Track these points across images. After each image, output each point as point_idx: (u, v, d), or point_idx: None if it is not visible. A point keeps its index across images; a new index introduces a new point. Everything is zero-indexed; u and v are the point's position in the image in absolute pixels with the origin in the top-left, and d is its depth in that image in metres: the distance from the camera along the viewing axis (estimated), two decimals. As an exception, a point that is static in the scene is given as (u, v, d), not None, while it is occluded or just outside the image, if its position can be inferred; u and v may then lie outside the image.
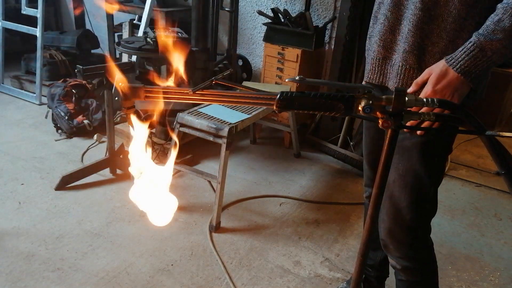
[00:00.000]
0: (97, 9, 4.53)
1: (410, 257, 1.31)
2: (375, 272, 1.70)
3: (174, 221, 2.24)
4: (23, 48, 4.42)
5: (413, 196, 1.22)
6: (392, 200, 1.25)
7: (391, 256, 1.36)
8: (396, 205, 1.25)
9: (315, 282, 1.92)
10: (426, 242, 1.33)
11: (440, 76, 1.02)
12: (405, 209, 1.24)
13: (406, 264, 1.32)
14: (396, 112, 0.75)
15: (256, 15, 3.50)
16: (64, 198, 2.35)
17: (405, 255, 1.31)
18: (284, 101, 0.77)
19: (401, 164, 1.20)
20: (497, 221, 2.50)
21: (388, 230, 1.29)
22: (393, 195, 1.25)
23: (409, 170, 1.20)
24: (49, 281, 1.78)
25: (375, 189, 0.86)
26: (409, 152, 1.18)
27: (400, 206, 1.24)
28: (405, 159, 1.19)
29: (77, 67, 2.20)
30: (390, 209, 1.27)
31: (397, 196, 1.24)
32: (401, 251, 1.31)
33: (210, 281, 1.86)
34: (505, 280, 2.02)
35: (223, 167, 2.13)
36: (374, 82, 1.27)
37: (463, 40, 1.05)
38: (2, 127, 3.16)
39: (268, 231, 2.24)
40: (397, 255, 1.32)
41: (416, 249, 1.30)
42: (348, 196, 2.64)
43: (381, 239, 1.34)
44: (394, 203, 1.25)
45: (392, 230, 1.28)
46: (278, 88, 2.91)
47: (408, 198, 1.22)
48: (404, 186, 1.22)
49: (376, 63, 1.25)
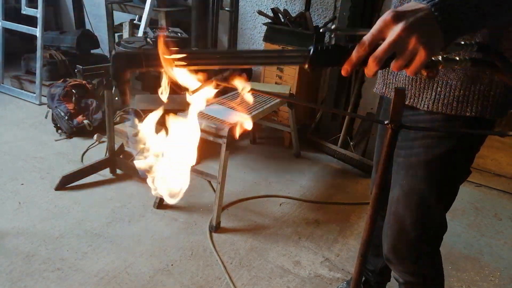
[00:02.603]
0: (97, 9, 4.53)
1: (413, 273, 1.25)
2: (375, 277, 1.68)
3: (174, 221, 2.24)
4: (23, 48, 4.42)
5: (418, 215, 1.15)
6: (396, 216, 1.19)
7: (394, 269, 1.30)
8: (400, 222, 1.18)
9: (315, 282, 1.92)
10: (433, 258, 1.26)
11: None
12: (409, 226, 1.17)
13: (410, 279, 1.27)
14: (396, 111, 0.75)
15: (256, 15, 3.50)
16: (64, 198, 2.35)
17: (409, 270, 1.25)
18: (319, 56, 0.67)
19: (405, 181, 1.13)
20: (497, 221, 2.50)
21: (392, 246, 1.23)
22: (397, 212, 1.18)
23: (413, 188, 1.12)
24: (49, 281, 1.78)
25: (375, 189, 0.86)
26: (413, 170, 1.11)
27: (404, 224, 1.17)
28: (409, 177, 1.12)
29: (77, 67, 2.20)
30: (394, 226, 1.20)
31: (401, 214, 1.17)
32: (405, 266, 1.25)
33: (210, 281, 1.86)
34: (505, 280, 2.02)
35: (223, 167, 2.12)
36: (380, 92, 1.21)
37: None
38: (2, 127, 3.16)
39: (268, 231, 2.24)
40: (400, 269, 1.26)
41: (421, 265, 1.24)
42: (348, 196, 2.64)
43: (384, 254, 1.28)
44: (398, 220, 1.19)
45: (396, 246, 1.22)
46: (278, 88, 2.91)
47: (413, 216, 1.15)
48: (408, 204, 1.15)
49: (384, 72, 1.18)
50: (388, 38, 0.64)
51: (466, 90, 0.98)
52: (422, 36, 0.63)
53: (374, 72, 0.68)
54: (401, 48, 0.64)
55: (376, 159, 1.40)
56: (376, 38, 0.65)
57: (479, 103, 0.98)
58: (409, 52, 0.64)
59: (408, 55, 0.65)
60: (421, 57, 0.64)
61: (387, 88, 1.17)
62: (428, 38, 0.64)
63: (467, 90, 0.98)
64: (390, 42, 0.64)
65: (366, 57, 0.66)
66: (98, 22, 4.56)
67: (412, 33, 0.63)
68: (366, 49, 0.65)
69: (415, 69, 0.66)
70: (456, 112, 1.00)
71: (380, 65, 0.66)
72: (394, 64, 0.66)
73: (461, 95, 0.99)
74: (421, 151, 1.08)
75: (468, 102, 0.99)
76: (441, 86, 1.01)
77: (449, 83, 1.00)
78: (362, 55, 0.66)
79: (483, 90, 0.97)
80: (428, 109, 1.03)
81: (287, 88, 2.87)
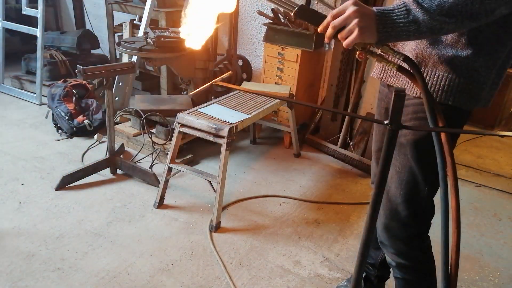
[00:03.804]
0: (97, 9, 4.54)
1: (405, 254, 1.33)
2: (375, 271, 1.71)
3: (174, 221, 2.25)
4: (23, 48, 4.43)
5: (408, 193, 1.24)
6: (389, 196, 1.29)
7: (387, 252, 1.38)
8: (393, 201, 1.28)
9: (315, 282, 1.92)
10: (422, 241, 1.34)
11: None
12: (400, 205, 1.27)
13: (401, 261, 1.35)
14: (395, 112, 0.76)
15: (256, 15, 3.50)
16: (64, 198, 2.36)
17: (400, 251, 1.33)
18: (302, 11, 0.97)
19: (398, 161, 1.24)
20: (496, 221, 2.50)
21: (384, 225, 1.32)
22: (390, 191, 1.28)
23: (404, 166, 1.23)
24: (49, 281, 1.79)
25: (375, 188, 0.87)
26: (404, 148, 1.21)
27: (396, 202, 1.27)
28: (401, 155, 1.23)
29: (77, 67, 2.20)
30: (387, 205, 1.30)
31: (394, 193, 1.27)
32: (396, 247, 1.33)
33: (210, 281, 1.86)
34: (505, 280, 2.02)
35: (223, 167, 2.13)
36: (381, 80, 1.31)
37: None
38: (3, 127, 3.16)
39: (268, 231, 2.24)
40: (392, 251, 1.35)
41: (411, 247, 1.32)
42: (348, 196, 2.65)
43: (378, 234, 1.37)
44: (390, 199, 1.28)
45: (388, 225, 1.32)
46: (278, 88, 2.92)
47: (403, 195, 1.25)
48: (400, 182, 1.25)
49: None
50: (344, 14, 0.93)
51: (450, 81, 1.10)
52: (362, 22, 0.91)
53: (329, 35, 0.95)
54: (347, 24, 0.92)
55: (375, 148, 1.47)
56: (340, 13, 0.94)
57: (459, 94, 1.11)
58: (349, 29, 0.92)
59: (347, 30, 0.92)
60: (354, 35, 0.91)
61: (384, 73, 1.30)
62: (363, 26, 0.91)
63: (451, 81, 1.10)
64: (344, 17, 0.92)
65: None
66: (98, 22, 4.57)
67: (357, 17, 0.91)
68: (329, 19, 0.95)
69: (348, 42, 0.93)
70: (440, 100, 1.12)
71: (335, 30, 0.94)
72: (340, 34, 0.94)
73: (446, 85, 1.11)
74: (410, 131, 1.19)
75: (452, 92, 1.11)
76: (430, 76, 1.13)
77: (437, 74, 1.12)
78: (329, 21, 0.95)
79: (463, 83, 1.10)
80: (416, 96, 1.17)
81: (287, 88, 2.88)
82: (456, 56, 1.08)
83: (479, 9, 0.90)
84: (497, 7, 0.90)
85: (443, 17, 0.90)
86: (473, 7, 0.89)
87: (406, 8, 0.92)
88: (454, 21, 0.91)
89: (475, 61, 1.07)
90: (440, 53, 1.09)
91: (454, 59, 1.08)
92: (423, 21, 0.91)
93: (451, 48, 1.08)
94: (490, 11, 0.91)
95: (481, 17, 0.91)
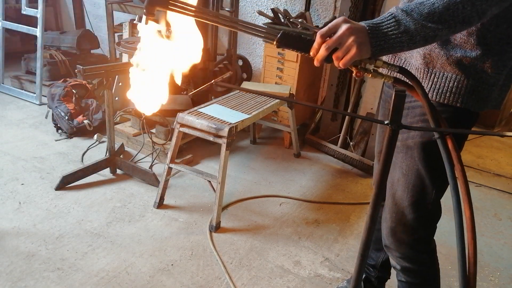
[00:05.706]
0: (97, 9, 4.53)
1: (410, 258, 1.31)
2: (376, 272, 1.70)
3: (174, 221, 2.25)
4: (23, 48, 4.43)
5: (415, 196, 1.22)
6: (395, 199, 1.26)
7: (392, 256, 1.36)
8: (399, 204, 1.26)
9: (315, 282, 1.92)
10: (428, 245, 1.32)
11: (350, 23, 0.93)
12: (407, 208, 1.24)
13: (406, 265, 1.33)
14: (395, 112, 0.75)
15: (256, 15, 3.50)
16: (64, 198, 2.36)
17: (405, 255, 1.31)
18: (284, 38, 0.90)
19: (405, 163, 1.22)
20: (497, 221, 2.50)
21: (391, 229, 1.30)
22: (396, 194, 1.26)
23: (412, 169, 1.20)
24: (49, 281, 1.79)
25: (375, 189, 0.87)
26: (411, 151, 1.19)
27: (402, 206, 1.25)
28: (408, 158, 1.20)
29: (77, 67, 2.20)
30: (393, 208, 1.28)
31: (400, 196, 1.25)
32: (402, 251, 1.31)
33: (210, 281, 1.86)
34: (505, 280, 2.02)
35: (223, 167, 2.13)
36: None
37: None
38: (2, 127, 3.16)
39: (268, 231, 2.24)
40: (398, 255, 1.33)
41: (417, 250, 1.30)
42: (348, 196, 2.65)
43: (383, 238, 1.35)
44: (397, 202, 1.26)
45: (394, 228, 1.29)
46: (278, 88, 2.92)
47: (410, 198, 1.23)
48: (406, 185, 1.23)
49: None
50: (337, 33, 0.87)
51: (459, 83, 1.08)
52: (359, 38, 0.86)
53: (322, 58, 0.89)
54: (342, 42, 0.87)
55: (378, 149, 1.46)
56: (330, 32, 0.88)
57: (468, 96, 1.09)
58: (346, 47, 0.86)
59: (345, 49, 0.87)
60: (352, 53, 0.86)
61: None
62: (361, 42, 0.87)
63: (460, 83, 1.08)
64: (338, 35, 0.87)
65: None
66: (98, 22, 4.57)
67: (352, 34, 0.86)
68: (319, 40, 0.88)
69: (346, 61, 0.87)
70: (448, 102, 1.10)
71: (329, 52, 0.87)
72: (335, 54, 0.88)
73: (454, 86, 1.09)
74: (418, 133, 1.17)
75: (460, 94, 1.09)
76: (438, 77, 1.11)
77: (445, 75, 1.10)
78: (320, 42, 0.89)
79: (472, 84, 1.08)
80: None
81: (287, 88, 2.87)
82: (465, 57, 1.06)
83: (471, 11, 0.88)
84: (489, 8, 0.89)
85: (435, 24, 0.88)
86: (464, 10, 0.88)
87: (395, 19, 0.88)
88: (447, 27, 0.89)
89: (484, 62, 1.05)
90: (448, 54, 1.08)
91: (463, 59, 1.06)
92: (415, 30, 0.88)
93: (459, 49, 1.06)
94: (482, 13, 0.90)
95: (474, 20, 0.90)
